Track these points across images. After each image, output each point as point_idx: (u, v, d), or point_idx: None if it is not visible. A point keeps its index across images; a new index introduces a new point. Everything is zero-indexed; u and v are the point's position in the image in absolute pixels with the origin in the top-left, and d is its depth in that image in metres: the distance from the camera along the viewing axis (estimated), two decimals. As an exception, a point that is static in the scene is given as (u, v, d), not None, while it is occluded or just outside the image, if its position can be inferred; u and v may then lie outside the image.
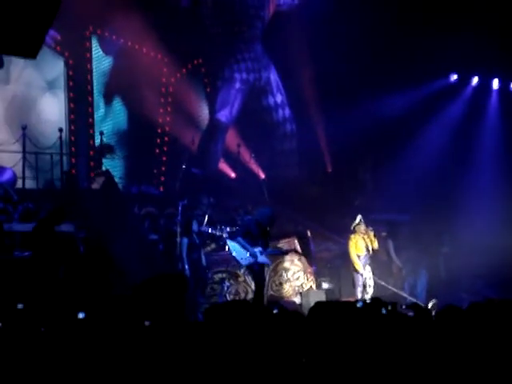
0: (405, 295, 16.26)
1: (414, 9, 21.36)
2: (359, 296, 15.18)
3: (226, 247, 15.86)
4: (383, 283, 16.22)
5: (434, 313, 7.71)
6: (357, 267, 15.37)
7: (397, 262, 17.51)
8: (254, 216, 14.62)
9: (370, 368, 5.32)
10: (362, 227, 15.62)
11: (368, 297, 14.99)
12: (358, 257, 15.43)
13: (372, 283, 15.49)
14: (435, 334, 6.04)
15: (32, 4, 7.95)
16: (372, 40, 21.04)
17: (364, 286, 15.40)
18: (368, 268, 15.49)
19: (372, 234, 15.62)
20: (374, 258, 15.96)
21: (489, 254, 18.31)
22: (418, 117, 22.62)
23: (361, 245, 15.48)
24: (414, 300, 15.70)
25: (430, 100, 22.69)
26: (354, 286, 15.55)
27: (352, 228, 15.72)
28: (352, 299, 14.21)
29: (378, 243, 15.81)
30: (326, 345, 5.46)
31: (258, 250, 13.71)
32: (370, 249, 15.52)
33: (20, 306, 7.51)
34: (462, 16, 20.86)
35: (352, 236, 15.62)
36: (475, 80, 23.54)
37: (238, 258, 13.73)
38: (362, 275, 15.37)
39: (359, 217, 15.81)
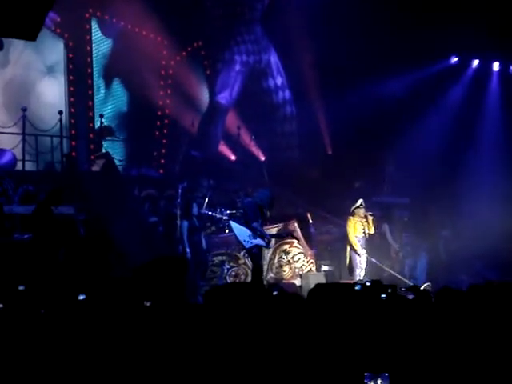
0: (400, 277, 16.29)
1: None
2: (357, 278, 15.24)
3: (227, 230, 15.91)
4: (379, 263, 16.25)
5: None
6: (356, 247, 15.46)
7: (394, 245, 17.54)
8: (254, 198, 14.63)
9: (369, 350, 5.34)
10: (362, 211, 15.68)
11: (360, 279, 15.07)
12: (356, 238, 15.50)
13: (364, 266, 15.55)
14: (435, 316, 6.05)
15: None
16: (372, 22, 20.96)
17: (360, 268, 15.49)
18: (363, 251, 15.56)
19: (371, 218, 15.67)
20: (370, 241, 16.04)
21: (489, 236, 18.33)
22: (419, 99, 22.60)
23: (359, 227, 15.57)
24: (409, 282, 15.78)
25: (430, 83, 22.65)
26: (351, 267, 15.60)
27: (351, 210, 15.77)
28: (351, 281, 14.28)
29: (375, 227, 15.88)
30: (326, 327, 5.47)
31: (262, 232, 13.77)
32: (367, 232, 15.59)
33: (21, 287, 7.53)
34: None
35: (351, 218, 15.69)
36: (476, 62, 23.49)
37: (241, 239, 13.77)
38: (359, 256, 15.44)
39: (360, 200, 15.86)
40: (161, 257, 12.30)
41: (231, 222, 14.26)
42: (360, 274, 15.42)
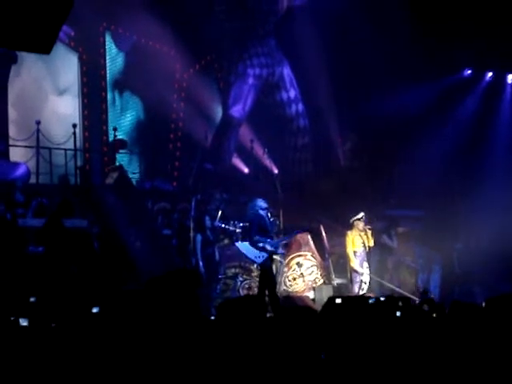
0: (400, 291, 16.21)
1: (428, 4, 21.30)
2: (356, 292, 15.13)
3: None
4: (378, 279, 16.22)
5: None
6: (352, 264, 15.27)
7: (391, 244, 17.49)
8: (252, 210, 14.23)
9: (383, 364, 5.32)
10: (361, 224, 15.47)
11: (362, 293, 14.95)
12: (355, 253, 15.33)
13: (367, 279, 15.39)
14: (449, 329, 6.03)
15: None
16: (386, 36, 20.96)
17: (360, 282, 15.35)
18: (365, 264, 15.38)
19: (370, 232, 15.52)
20: (374, 256, 16.01)
21: (504, 249, 18.24)
22: (432, 112, 22.55)
23: (357, 241, 15.35)
24: (409, 295, 15.72)
25: (444, 95, 22.61)
26: (351, 282, 15.48)
27: (351, 222, 15.60)
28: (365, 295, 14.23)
29: (374, 241, 15.76)
30: (340, 340, 5.45)
31: (268, 242, 13.49)
32: (367, 245, 15.44)
33: (32, 299, 7.54)
34: (476, 11, 20.79)
35: (349, 232, 15.51)
36: (489, 75, 23.45)
37: (252, 257, 13.56)
38: (357, 272, 15.25)
39: (362, 213, 15.71)
40: (174, 270, 12.29)
41: (237, 244, 14.03)
42: (364, 288, 15.27)
